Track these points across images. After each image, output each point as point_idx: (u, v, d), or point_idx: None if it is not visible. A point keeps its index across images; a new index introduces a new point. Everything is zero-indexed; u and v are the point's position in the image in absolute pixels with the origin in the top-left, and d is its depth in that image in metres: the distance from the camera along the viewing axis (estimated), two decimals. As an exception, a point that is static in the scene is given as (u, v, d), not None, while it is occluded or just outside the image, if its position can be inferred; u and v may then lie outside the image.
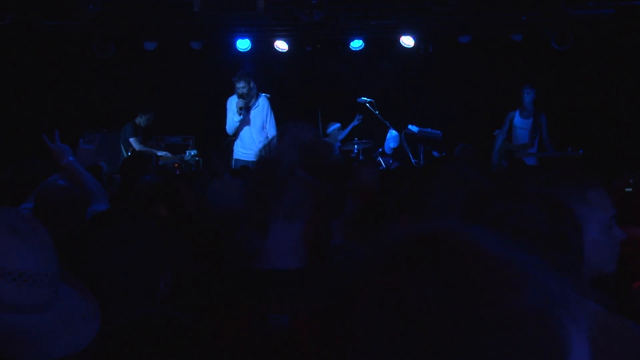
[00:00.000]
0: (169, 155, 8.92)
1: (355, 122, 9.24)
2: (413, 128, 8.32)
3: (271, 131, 7.89)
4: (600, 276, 1.72)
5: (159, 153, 8.94)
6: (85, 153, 3.46)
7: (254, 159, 7.48)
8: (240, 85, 7.68)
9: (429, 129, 8.40)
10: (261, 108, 7.88)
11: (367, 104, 8.75)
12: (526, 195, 1.44)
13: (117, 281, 1.52)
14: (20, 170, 3.78)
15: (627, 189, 4.50)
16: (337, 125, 9.49)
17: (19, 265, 1.28)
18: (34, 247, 1.32)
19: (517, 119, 8.26)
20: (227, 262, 2.61)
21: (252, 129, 7.86)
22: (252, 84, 7.76)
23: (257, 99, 7.88)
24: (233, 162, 7.91)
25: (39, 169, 3.66)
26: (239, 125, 7.87)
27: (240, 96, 7.69)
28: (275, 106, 8.03)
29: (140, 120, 8.96)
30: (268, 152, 1.78)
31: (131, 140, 8.78)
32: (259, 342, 1.71)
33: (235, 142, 7.99)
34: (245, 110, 7.72)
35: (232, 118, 7.80)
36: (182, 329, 1.20)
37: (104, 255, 1.52)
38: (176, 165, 8.48)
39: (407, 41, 9.84)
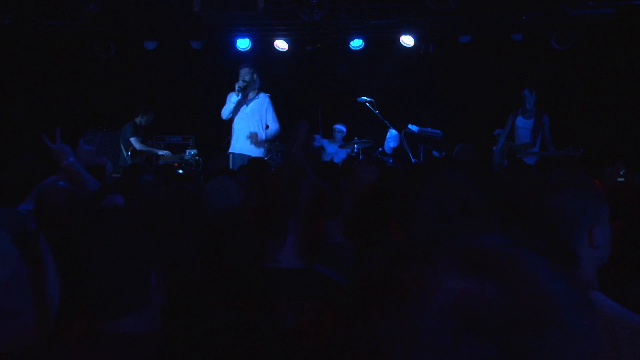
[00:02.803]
0: (169, 154, 8.91)
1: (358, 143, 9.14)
2: (413, 127, 8.32)
3: (273, 126, 7.90)
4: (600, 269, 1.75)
5: (160, 152, 8.94)
6: (85, 154, 3.44)
7: (249, 154, 7.52)
8: (244, 72, 7.74)
9: (429, 129, 8.40)
10: (261, 102, 7.89)
11: (367, 104, 8.75)
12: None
13: (103, 276, 1.53)
14: (15, 170, 3.76)
15: (619, 179, 4.52)
16: (343, 129, 9.50)
17: None
18: None
19: (519, 118, 8.26)
20: (230, 261, 2.62)
21: (249, 122, 7.85)
22: (255, 76, 7.82)
23: (257, 93, 7.90)
24: (230, 157, 7.90)
25: (34, 168, 3.63)
26: (235, 116, 7.85)
27: (243, 81, 7.74)
28: (275, 106, 8.03)
29: (141, 119, 8.95)
30: (281, 157, 1.82)
31: (132, 139, 8.78)
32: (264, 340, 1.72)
33: (232, 136, 7.98)
34: (242, 94, 7.73)
35: (229, 100, 7.82)
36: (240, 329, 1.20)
37: (90, 250, 1.54)
38: (176, 165, 8.47)
39: (407, 41, 9.84)
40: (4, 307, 1.29)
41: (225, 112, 7.87)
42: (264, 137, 7.88)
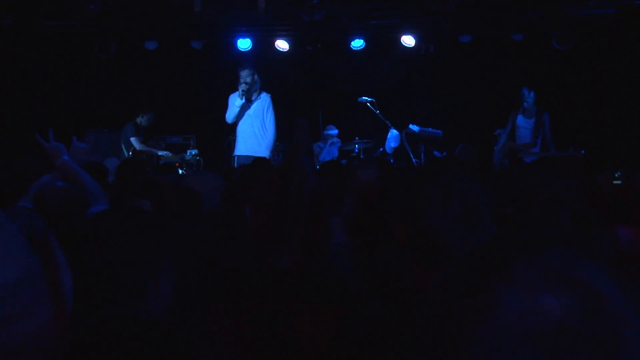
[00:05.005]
0: (170, 154, 8.92)
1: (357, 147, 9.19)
2: (414, 127, 8.31)
3: (270, 129, 7.87)
4: None
5: (160, 153, 8.94)
6: (78, 151, 3.42)
7: (254, 154, 7.50)
8: (244, 74, 7.69)
9: (430, 129, 8.39)
10: (262, 102, 7.86)
11: (368, 104, 8.74)
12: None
13: (101, 277, 1.52)
14: (14, 169, 3.75)
15: (616, 182, 4.51)
16: (334, 131, 9.51)
17: None
18: None
19: (520, 118, 8.25)
20: (229, 261, 2.61)
21: (253, 123, 7.83)
22: (256, 77, 7.77)
23: (259, 93, 7.87)
24: (235, 158, 7.88)
25: (32, 167, 3.61)
26: (240, 119, 7.84)
27: (245, 84, 7.70)
28: (275, 106, 8.02)
29: (142, 120, 8.96)
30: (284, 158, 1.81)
31: (132, 140, 8.79)
32: (265, 342, 1.71)
33: (237, 138, 7.97)
34: (246, 96, 7.70)
35: (233, 103, 7.78)
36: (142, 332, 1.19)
37: (94, 251, 1.52)
38: (177, 165, 8.47)
39: (408, 41, 9.84)
40: (19, 306, 1.28)
41: (230, 117, 7.85)
42: (266, 137, 7.86)
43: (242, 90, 7.65)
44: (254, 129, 7.83)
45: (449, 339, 0.63)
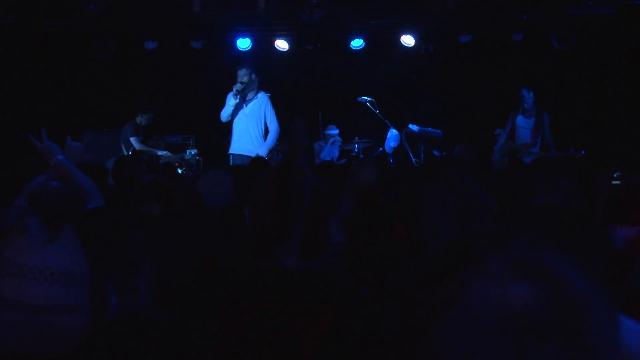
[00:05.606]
0: (169, 154, 8.92)
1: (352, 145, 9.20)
2: (413, 127, 8.32)
3: (271, 128, 7.88)
4: None
5: (160, 152, 8.95)
6: (73, 150, 3.41)
7: (249, 154, 7.51)
8: (242, 73, 7.69)
9: (430, 128, 8.40)
10: (260, 102, 7.85)
11: (368, 104, 8.75)
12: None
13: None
14: (13, 169, 3.73)
15: (615, 182, 4.52)
16: (336, 131, 9.52)
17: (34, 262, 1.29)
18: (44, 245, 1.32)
19: (520, 118, 8.26)
20: (227, 261, 2.61)
21: (248, 123, 7.83)
22: (253, 76, 7.77)
23: (256, 93, 7.86)
24: (230, 158, 7.89)
25: (30, 168, 3.60)
26: (235, 118, 7.84)
27: (241, 83, 7.69)
28: (275, 106, 8.03)
29: (141, 119, 8.97)
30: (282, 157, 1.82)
31: (132, 139, 8.79)
32: (262, 342, 1.72)
33: (232, 137, 7.96)
34: (241, 95, 7.69)
35: (228, 103, 7.79)
36: (158, 332, 1.20)
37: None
38: (177, 164, 8.48)
39: (408, 40, 9.84)
40: (76, 298, 1.33)
41: (224, 115, 7.85)
42: (263, 137, 7.87)
43: (236, 90, 7.65)
44: (248, 128, 7.82)
45: (418, 326, 0.64)
